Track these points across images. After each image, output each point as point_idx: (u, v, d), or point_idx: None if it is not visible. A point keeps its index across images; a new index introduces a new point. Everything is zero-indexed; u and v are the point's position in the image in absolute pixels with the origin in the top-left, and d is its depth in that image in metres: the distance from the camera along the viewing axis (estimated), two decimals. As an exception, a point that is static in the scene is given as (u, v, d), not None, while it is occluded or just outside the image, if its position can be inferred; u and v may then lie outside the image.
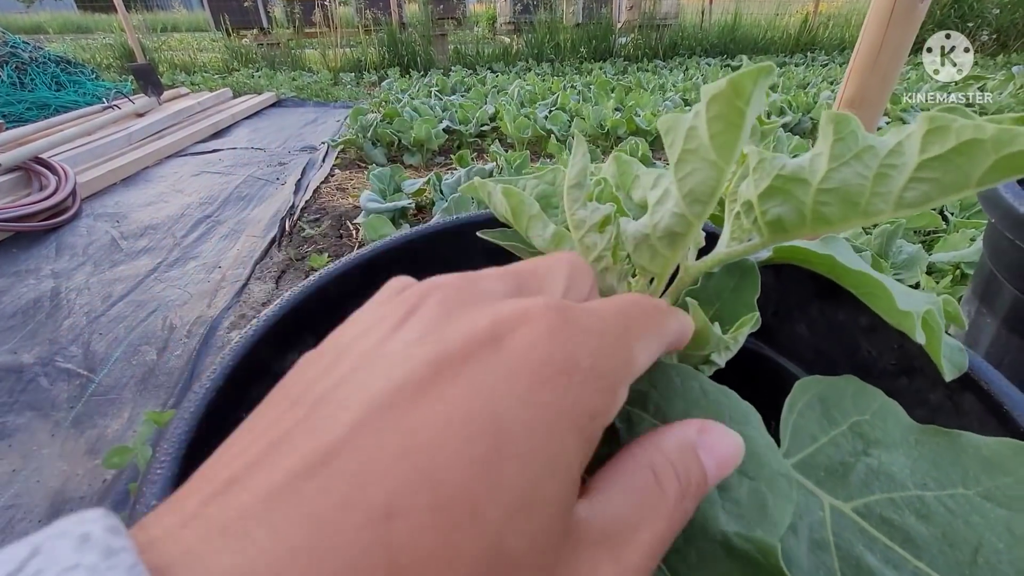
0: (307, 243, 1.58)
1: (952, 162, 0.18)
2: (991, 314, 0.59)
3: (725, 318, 0.28)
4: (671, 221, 0.21)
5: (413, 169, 2.22)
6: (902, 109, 2.42)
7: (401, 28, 6.17)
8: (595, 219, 0.23)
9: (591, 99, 2.83)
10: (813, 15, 6.23)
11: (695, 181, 0.20)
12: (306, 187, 2.07)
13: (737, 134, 0.18)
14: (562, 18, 7.24)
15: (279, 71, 5.74)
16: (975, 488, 0.24)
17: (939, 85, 3.02)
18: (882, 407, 0.28)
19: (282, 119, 3.67)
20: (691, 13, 7.62)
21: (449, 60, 6.21)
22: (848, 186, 0.21)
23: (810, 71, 4.25)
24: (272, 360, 0.36)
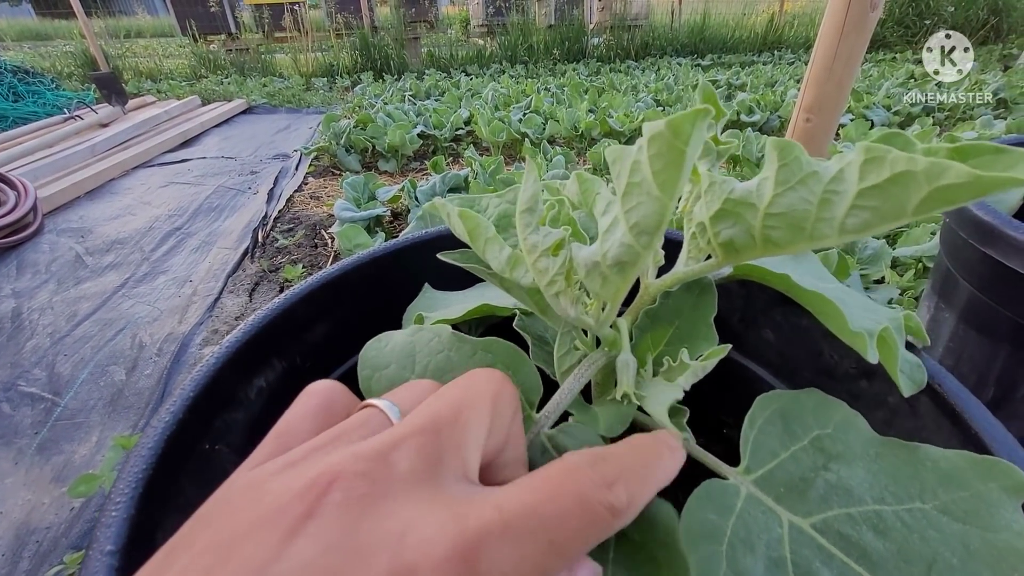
0: (281, 254, 1.56)
1: (888, 192, 0.18)
2: (949, 309, 0.61)
3: (685, 336, 0.28)
4: (619, 251, 0.21)
5: (388, 175, 2.20)
6: (864, 107, 2.50)
7: (373, 32, 6.11)
8: (547, 244, 0.23)
9: (565, 101, 2.85)
10: (779, 14, 6.37)
11: (640, 214, 0.20)
12: (279, 196, 2.04)
13: (678, 172, 0.19)
14: (535, 20, 7.27)
15: (249, 77, 5.64)
16: (932, 502, 0.25)
17: (899, 82, 3.12)
18: (844, 420, 0.28)
19: (253, 126, 3.60)
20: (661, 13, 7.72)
21: (423, 63, 6.17)
22: (794, 211, 0.21)
23: (777, 69, 4.35)
24: (237, 387, 0.36)
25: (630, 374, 0.26)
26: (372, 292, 0.46)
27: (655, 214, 0.20)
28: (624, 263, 0.22)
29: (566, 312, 0.24)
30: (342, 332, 0.45)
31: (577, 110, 2.58)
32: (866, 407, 0.35)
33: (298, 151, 2.49)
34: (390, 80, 5.26)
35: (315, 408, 0.19)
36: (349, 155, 2.24)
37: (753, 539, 0.24)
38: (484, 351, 0.25)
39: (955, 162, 0.17)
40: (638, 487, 0.16)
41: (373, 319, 0.46)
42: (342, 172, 2.24)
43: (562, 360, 0.29)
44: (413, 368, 0.25)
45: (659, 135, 0.19)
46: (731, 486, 0.26)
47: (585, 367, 0.26)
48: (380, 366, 0.25)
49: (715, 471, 0.27)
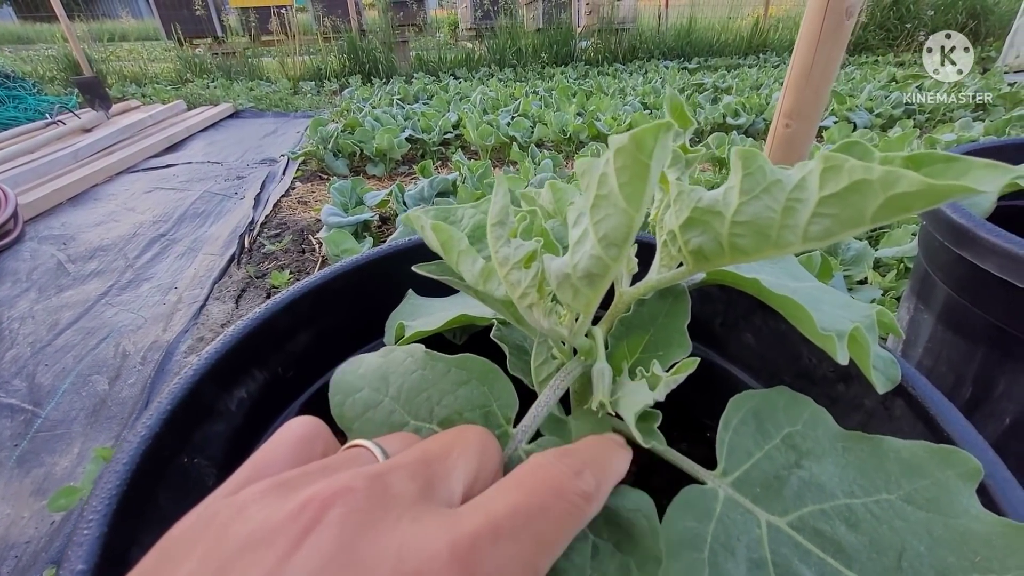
0: (268, 260, 1.54)
1: (847, 199, 0.19)
2: (927, 310, 0.62)
3: (660, 344, 0.28)
4: (589, 263, 0.21)
5: (376, 179, 2.19)
6: (848, 109, 2.53)
7: (361, 35, 6.09)
8: (519, 256, 0.23)
9: (553, 105, 2.86)
10: (764, 18, 6.46)
11: (608, 226, 0.20)
12: (266, 201, 2.02)
13: (643, 185, 0.19)
14: (523, 23, 7.30)
15: (236, 81, 5.60)
16: (897, 492, 0.25)
17: (881, 85, 3.17)
18: (812, 416, 0.29)
19: (240, 131, 3.58)
20: (648, 17, 7.79)
21: (411, 67, 6.17)
22: (759, 219, 0.22)
23: (762, 72, 4.40)
24: (216, 399, 0.35)
25: (605, 383, 0.26)
26: (356, 300, 0.46)
27: (623, 226, 0.21)
28: (594, 275, 0.22)
29: (539, 323, 0.24)
30: (326, 341, 0.45)
31: (565, 113, 2.59)
32: (844, 410, 0.36)
33: (285, 155, 2.47)
34: (378, 84, 5.25)
35: (295, 441, 0.19)
36: (337, 159, 2.23)
37: (733, 542, 0.25)
38: (459, 368, 0.25)
39: (908, 171, 0.17)
40: (602, 473, 0.18)
41: (357, 327, 0.46)
42: (330, 177, 2.23)
43: (539, 370, 0.30)
44: (387, 390, 0.25)
45: (624, 148, 0.19)
46: (709, 490, 0.26)
47: (561, 378, 0.26)
48: (352, 390, 0.25)
49: (693, 476, 0.27)
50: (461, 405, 0.24)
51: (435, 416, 0.24)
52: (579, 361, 0.27)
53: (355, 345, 0.45)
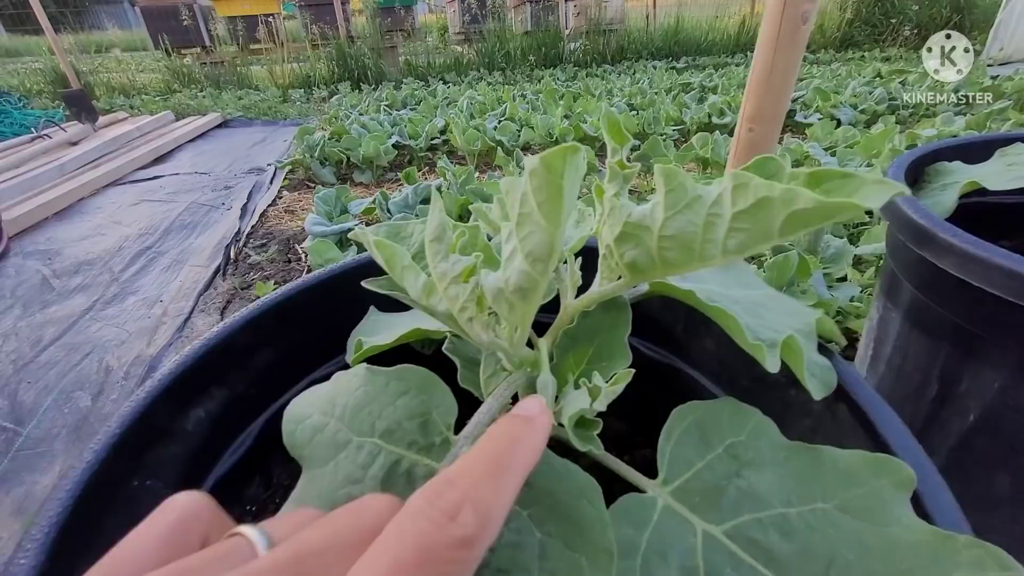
0: (254, 270, 1.54)
1: (756, 215, 0.19)
2: (895, 309, 0.63)
3: (604, 355, 0.29)
4: (519, 278, 0.22)
5: (363, 187, 2.19)
6: (832, 106, 2.55)
7: (350, 42, 6.10)
8: (456, 271, 0.23)
9: (540, 108, 2.87)
10: (750, 16, 6.49)
11: (533, 243, 0.21)
12: (252, 211, 2.02)
13: (559, 204, 0.19)
14: (512, 27, 7.31)
15: (224, 90, 5.59)
16: (832, 501, 0.25)
17: (866, 81, 3.19)
18: (756, 426, 0.29)
19: (228, 140, 3.57)
20: (636, 18, 7.82)
21: (401, 72, 6.17)
22: (684, 233, 0.22)
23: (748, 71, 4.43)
24: (172, 420, 0.35)
25: (549, 394, 0.27)
26: (319, 315, 0.46)
27: (545, 243, 0.21)
28: (525, 289, 0.22)
29: (479, 337, 0.25)
30: (290, 357, 0.45)
31: (552, 116, 2.60)
32: (795, 415, 0.36)
33: (272, 165, 2.47)
34: (367, 90, 5.25)
35: (166, 530, 0.17)
36: (324, 168, 2.23)
37: (667, 550, 0.25)
38: (397, 380, 0.25)
39: (805, 190, 0.17)
40: (491, 497, 0.16)
41: (322, 343, 0.46)
42: (317, 185, 2.23)
43: (488, 382, 0.30)
44: (334, 412, 0.25)
45: (536, 171, 0.19)
46: (648, 499, 0.26)
47: (504, 387, 0.26)
48: (303, 417, 0.25)
49: (635, 484, 0.27)
50: (400, 416, 0.24)
51: (376, 430, 0.24)
52: (524, 372, 0.28)
53: (320, 361, 0.45)
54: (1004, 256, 0.45)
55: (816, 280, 1.03)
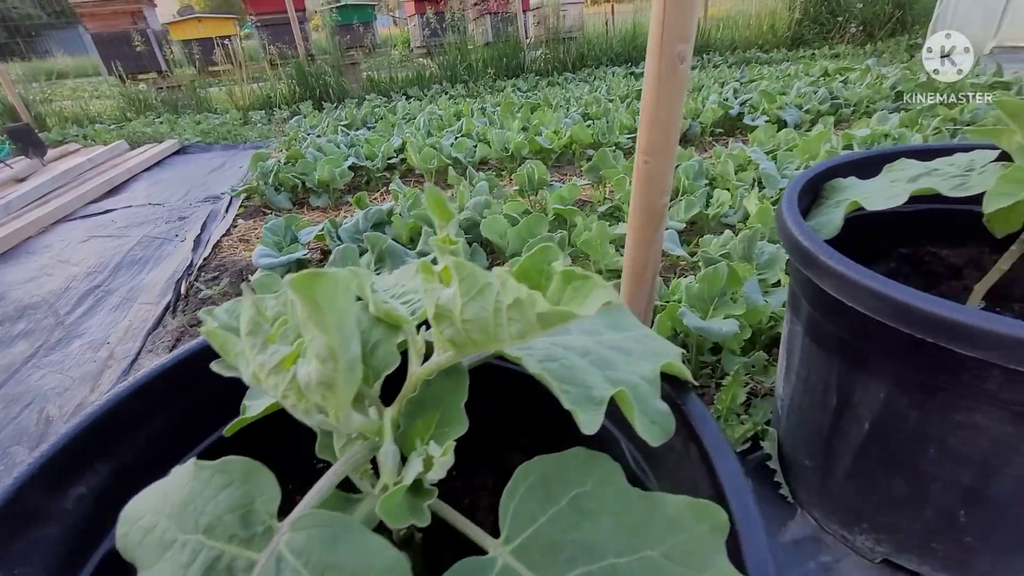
0: (204, 305, 1.52)
1: (518, 310, 0.21)
2: (799, 323, 0.66)
3: (445, 421, 0.30)
4: (317, 375, 0.23)
5: (321, 211, 2.18)
6: (778, 108, 2.63)
7: (309, 60, 6.06)
8: (274, 362, 0.24)
9: (496, 122, 2.90)
10: (704, 19, 6.66)
11: (317, 346, 0.22)
12: (206, 242, 1.99)
13: (322, 317, 0.20)
14: (472, 38, 7.36)
15: (183, 115, 5.49)
16: (659, 548, 0.27)
17: (811, 81, 3.30)
18: (602, 475, 0.31)
19: (186, 167, 3.51)
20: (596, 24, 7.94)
21: (363, 88, 6.15)
22: (479, 318, 0.23)
23: (704, 73, 4.54)
24: (48, 501, 0.35)
25: (390, 465, 0.28)
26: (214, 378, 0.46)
27: (325, 346, 0.22)
28: (326, 383, 0.24)
29: (305, 420, 0.26)
30: (185, 422, 0.45)
31: (508, 130, 2.62)
32: (663, 452, 0.38)
33: (226, 193, 2.44)
34: (329, 108, 5.22)
35: None
36: (279, 194, 2.22)
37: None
38: (220, 472, 0.26)
39: (541, 297, 0.19)
40: None
41: (216, 407, 0.46)
42: (273, 212, 2.21)
43: (343, 451, 0.31)
44: (165, 509, 0.25)
45: (292, 288, 0.20)
46: (488, 560, 0.27)
47: (341, 463, 0.27)
48: (136, 517, 0.26)
49: (479, 545, 0.29)
50: (222, 509, 0.25)
51: (199, 525, 0.24)
52: (365, 444, 0.29)
53: (216, 423, 0.46)
54: (871, 278, 0.48)
55: (750, 286, 1.06)
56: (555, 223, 1.63)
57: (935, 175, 0.59)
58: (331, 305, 0.20)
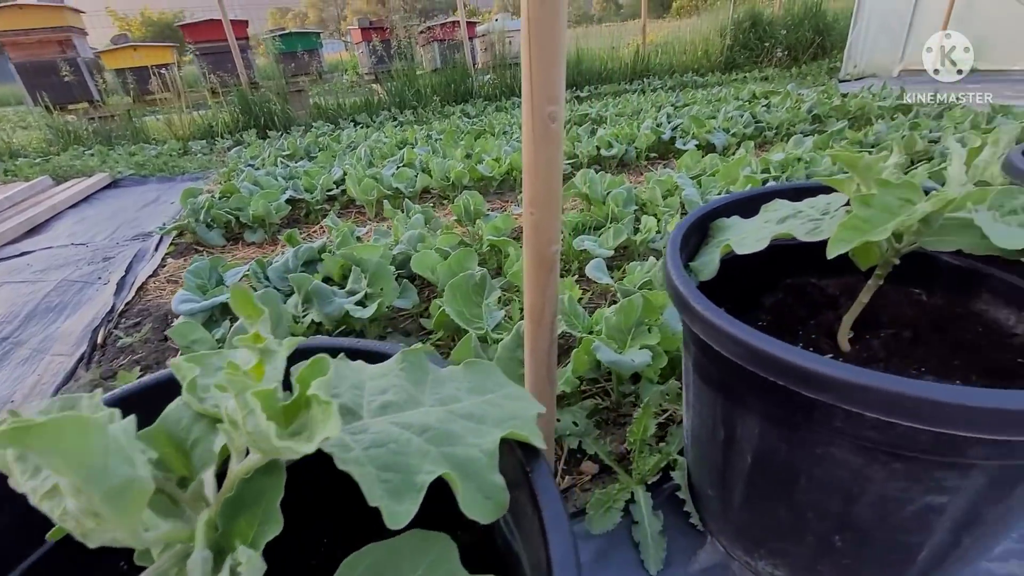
0: (123, 354, 1.44)
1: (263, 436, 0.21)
2: (690, 359, 0.69)
3: (263, 519, 0.29)
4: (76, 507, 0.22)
5: (256, 247, 2.13)
6: (707, 132, 2.77)
7: (253, 88, 5.95)
8: (44, 488, 0.23)
9: (439, 151, 2.92)
10: (643, 46, 6.98)
11: (63, 484, 0.21)
12: (131, 285, 1.90)
13: (54, 460, 0.20)
14: (421, 65, 7.44)
15: (116, 146, 5.26)
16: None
17: (737, 105, 3.50)
18: (437, 558, 0.31)
19: (116, 202, 3.36)
20: (543, 49, 8.13)
21: (310, 115, 6.09)
22: (258, 431, 0.23)
23: (643, 97, 4.74)
24: None
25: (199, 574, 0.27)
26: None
27: (70, 485, 0.22)
28: (91, 512, 0.23)
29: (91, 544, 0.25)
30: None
31: (450, 159, 2.65)
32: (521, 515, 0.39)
33: (154, 232, 2.34)
34: (275, 136, 5.13)
35: None
36: (211, 231, 2.15)
37: None
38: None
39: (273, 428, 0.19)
40: None
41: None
42: (205, 250, 2.13)
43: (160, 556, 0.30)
44: None
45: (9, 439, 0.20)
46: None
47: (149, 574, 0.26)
48: None
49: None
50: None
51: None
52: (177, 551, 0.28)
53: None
54: (731, 324, 0.50)
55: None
56: (490, 254, 1.64)
57: (799, 217, 0.64)
58: (58, 448, 0.20)
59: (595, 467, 0.90)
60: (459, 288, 1.05)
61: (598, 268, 1.34)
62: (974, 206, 0.50)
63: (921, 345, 0.66)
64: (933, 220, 0.52)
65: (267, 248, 2.11)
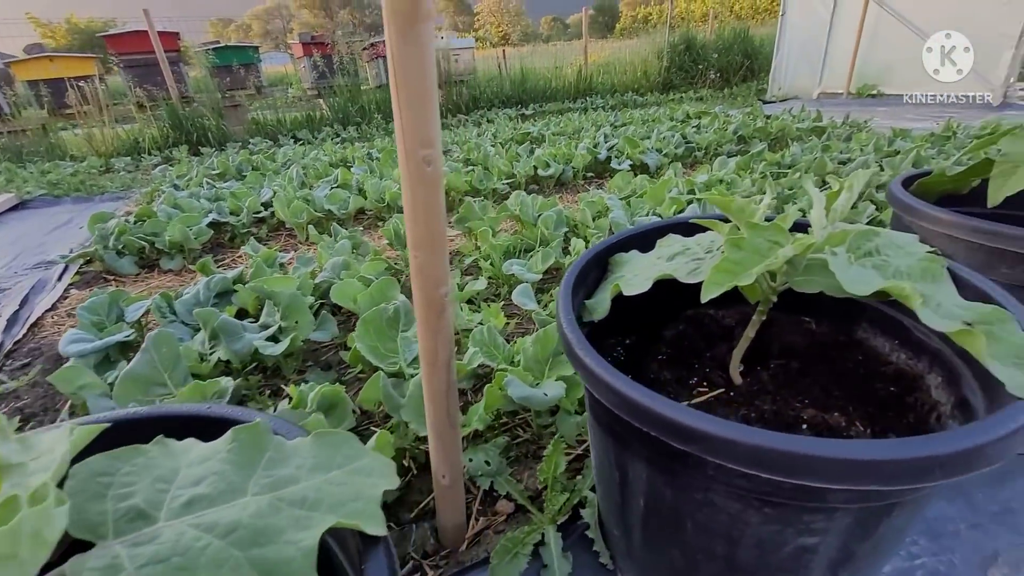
0: (4, 401, 1.30)
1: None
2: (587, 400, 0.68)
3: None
4: None
5: (174, 275, 1.99)
6: (640, 152, 2.86)
7: (184, 103, 5.68)
8: None
9: (376, 171, 2.86)
10: (585, 65, 7.19)
11: None
12: (24, 320, 1.73)
13: None
14: (366, 81, 7.35)
15: (28, 163, 4.87)
16: None
17: (671, 126, 3.64)
18: None
19: (21, 226, 3.08)
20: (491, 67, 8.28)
21: (248, 131, 5.87)
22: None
23: (584, 116, 4.86)
24: None
25: None
26: None
27: None
28: None
29: None
30: None
31: (387, 179, 2.60)
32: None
33: (55, 260, 2.16)
34: (208, 153, 4.91)
35: None
36: (121, 259, 2.00)
37: None
38: None
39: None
40: None
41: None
42: (115, 278, 1.98)
43: None
44: None
45: None
46: None
47: None
48: None
49: None
50: None
51: None
52: None
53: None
54: (607, 372, 0.50)
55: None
56: (419, 279, 1.61)
57: (687, 254, 0.65)
58: None
59: (511, 506, 0.87)
60: (372, 322, 1.01)
61: (524, 294, 1.34)
62: (832, 248, 0.52)
63: (808, 375, 0.68)
64: (798, 262, 0.54)
65: (185, 277, 1.98)
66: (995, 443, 0.39)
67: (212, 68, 6.12)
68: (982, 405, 0.52)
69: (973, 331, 0.42)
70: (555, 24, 74.16)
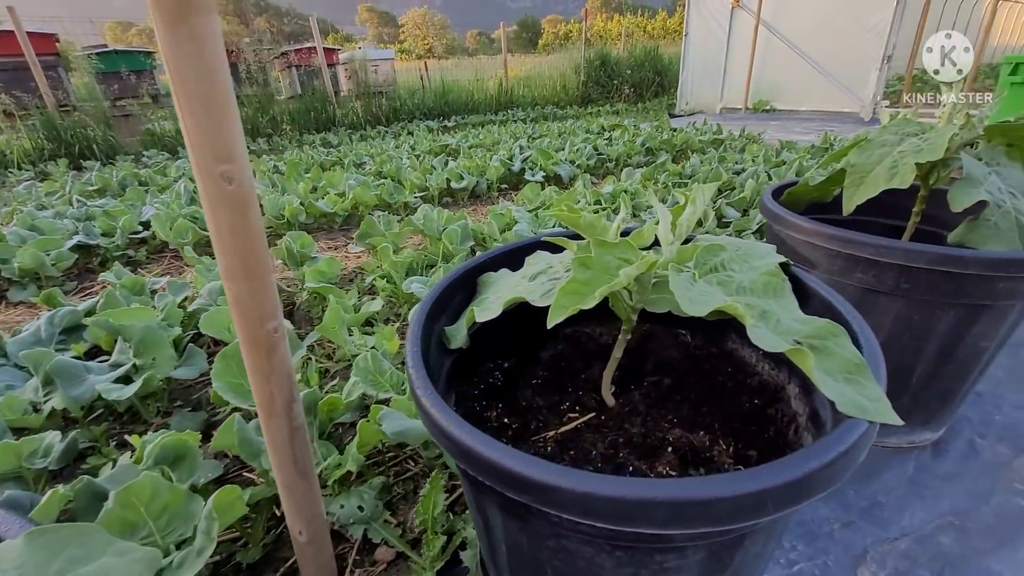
0: None
1: None
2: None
3: None
4: None
5: (27, 307, 1.73)
6: (554, 163, 2.88)
7: (64, 111, 5.10)
8: None
9: (279, 186, 2.68)
10: (505, 79, 7.27)
11: None
12: None
13: None
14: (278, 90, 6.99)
15: None
16: None
17: (584, 138, 3.73)
18: None
19: None
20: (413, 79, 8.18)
21: (143, 143, 5.37)
22: None
23: (503, 128, 4.88)
24: None
25: None
26: None
27: None
28: None
29: None
30: None
31: (287, 195, 2.44)
32: None
33: None
34: (94, 167, 4.42)
35: None
36: (-45, 291, 1.71)
37: None
38: None
39: None
40: None
41: None
42: (-53, 315, 1.69)
43: None
44: None
45: None
46: None
47: None
48: None
49: None
50: None
51: None
52: None
53: None
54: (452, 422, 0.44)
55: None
56: (313, 301, 1.49)
57: (548, 272, 0.61)
58: None
59: (391, 552, 0.79)
60: (233, 357, 0.90)
61: (421, 314, 1.26)
62: (679, 265, 0.50)
63: (679, 392, 0.67)
64: (645, 281, 0.51)
65: (42, 308, 1.73)
66: (825, 468, 0.37)
67: (98, 74, 5.56)
68: (830, 418, 0.52)
69: (802, 349, 0.40)
70: (481, 38, 75.19)
